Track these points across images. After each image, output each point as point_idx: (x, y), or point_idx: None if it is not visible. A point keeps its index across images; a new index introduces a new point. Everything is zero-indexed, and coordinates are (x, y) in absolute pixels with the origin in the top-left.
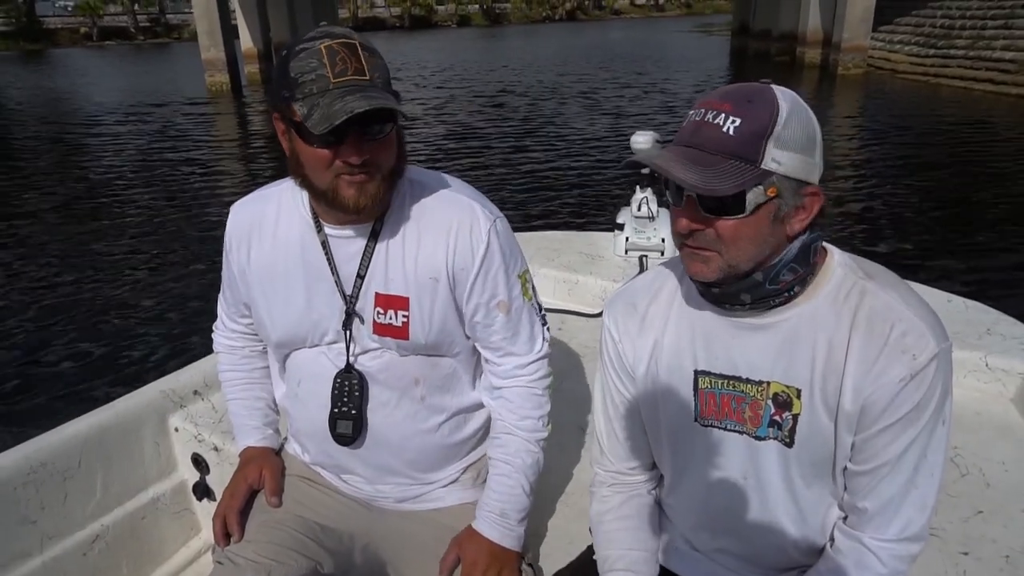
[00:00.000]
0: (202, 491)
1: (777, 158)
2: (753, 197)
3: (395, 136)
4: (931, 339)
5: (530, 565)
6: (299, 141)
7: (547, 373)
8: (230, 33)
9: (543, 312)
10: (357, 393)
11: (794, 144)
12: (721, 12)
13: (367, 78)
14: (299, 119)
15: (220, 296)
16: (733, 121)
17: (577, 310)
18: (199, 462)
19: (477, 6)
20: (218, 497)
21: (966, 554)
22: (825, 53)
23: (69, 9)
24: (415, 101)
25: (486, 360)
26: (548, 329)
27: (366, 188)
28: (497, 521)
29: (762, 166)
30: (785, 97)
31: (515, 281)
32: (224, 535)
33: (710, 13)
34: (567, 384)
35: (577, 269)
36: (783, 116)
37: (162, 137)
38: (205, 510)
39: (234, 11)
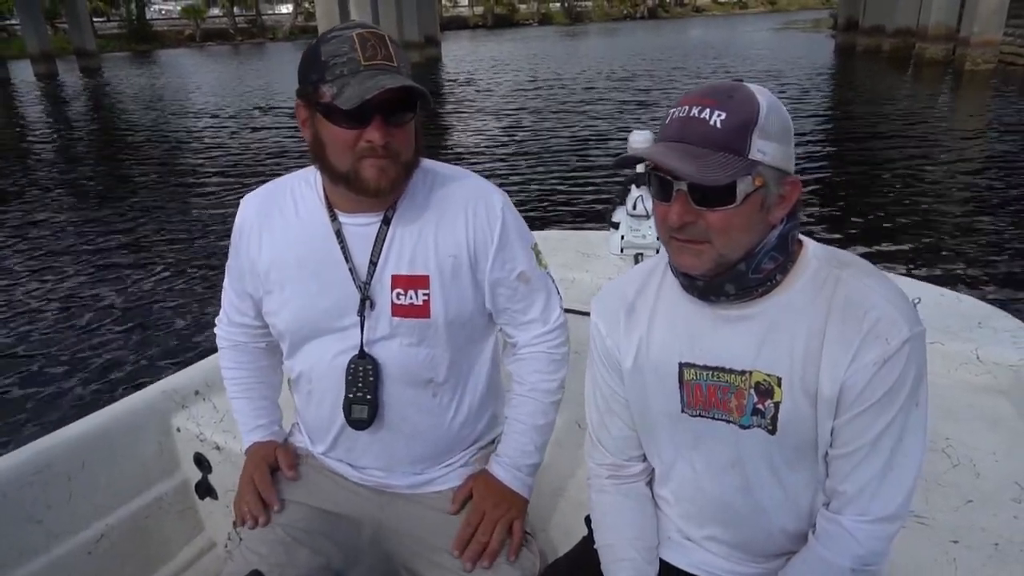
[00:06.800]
0: (204, 490)
1: (762, 148)
2: (743, 187)
3: (415, 126)
4: (903, 324)
5: (530, 533)
6: (323, 123)
7: (565, 340)
8: None
9: (555, 282)
10: (372, 378)
11: (775, 135)
12: (807, 8)
13: (394, 64)
14: (327, 99)
15: (225, 289)
16: (719, 115)
17: (573, 308)
18: (201, 461)
19: (558, 4)
20: (220, 496)
21: (956, 542)
22: (948, 48)
23: (163, 12)
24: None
25: (508, 335)
26: (562, 299)
27: (387, 171)
28: (510, 468)
29: (749, 156)
30: (762, 92)
31: (530, 253)
32: (250, 515)
33: (795, 9)
34: None
35: (573, 267)
36: (764, 108)
37: (286, 131)
38: (208, 509)
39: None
